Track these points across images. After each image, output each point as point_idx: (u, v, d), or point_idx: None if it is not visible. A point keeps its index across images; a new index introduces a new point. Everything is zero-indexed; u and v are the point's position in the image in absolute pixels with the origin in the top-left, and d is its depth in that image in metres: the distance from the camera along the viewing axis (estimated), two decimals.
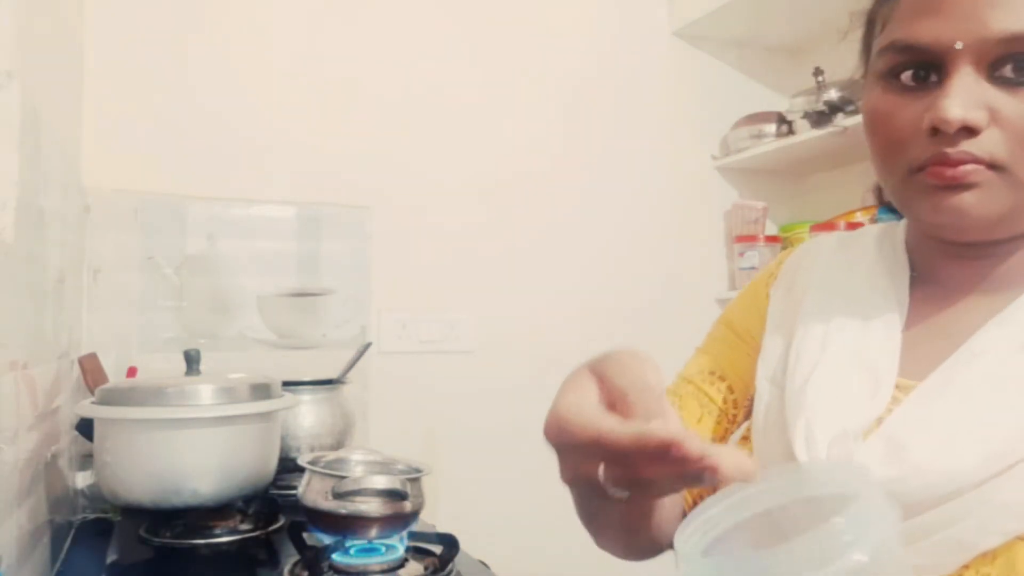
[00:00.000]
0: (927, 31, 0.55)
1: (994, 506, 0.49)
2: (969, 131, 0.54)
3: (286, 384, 1.19)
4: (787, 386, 0.62)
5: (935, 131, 0.54)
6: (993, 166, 0.54)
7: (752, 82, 2.09)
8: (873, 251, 0.67)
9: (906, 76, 0.57)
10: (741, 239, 1.99)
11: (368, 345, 1.45)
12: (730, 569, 0.40)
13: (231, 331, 1.60)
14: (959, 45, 0.53)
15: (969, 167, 0.54)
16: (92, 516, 1.27)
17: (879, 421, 0.56)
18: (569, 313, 1.87)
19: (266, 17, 1.67)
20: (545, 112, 1.90)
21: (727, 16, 1.92)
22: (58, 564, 1.06)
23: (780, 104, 1.97)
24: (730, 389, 0.73)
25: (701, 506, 0.45)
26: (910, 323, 0.62)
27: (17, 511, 0.82)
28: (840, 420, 0.57)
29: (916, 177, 0.57)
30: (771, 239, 1.98)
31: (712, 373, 0.74)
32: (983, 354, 0.55)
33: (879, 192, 0.87)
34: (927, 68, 0.56)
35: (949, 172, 0.54)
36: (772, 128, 1.92)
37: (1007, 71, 0.53)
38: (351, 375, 1.43)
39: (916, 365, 0.58)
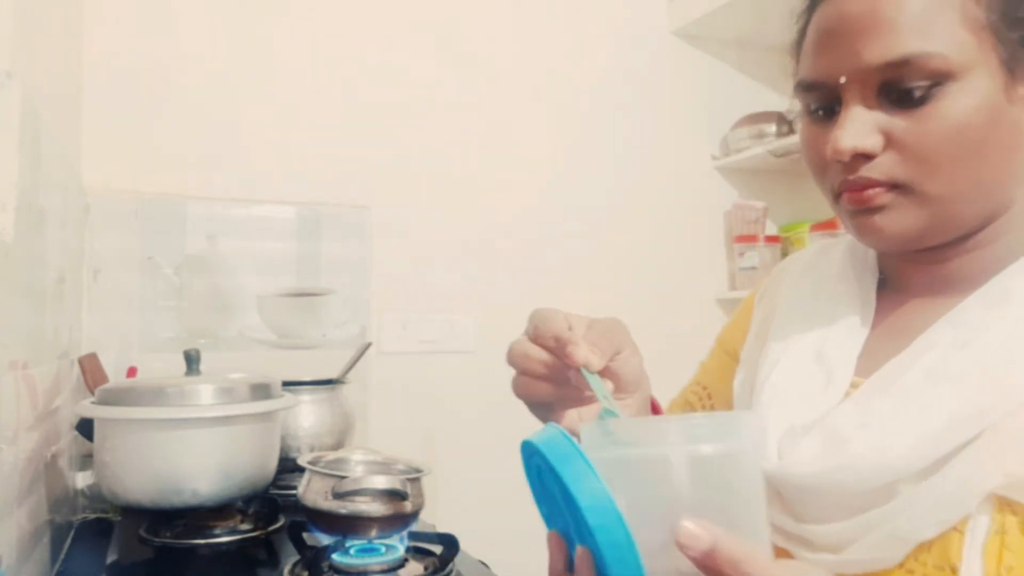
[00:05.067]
0: (819, 69, 0.60)
1: (930, 499, 0.51)
2: (866, 157, 0.57)
3: (286, 384, 1.19)
4: (754, 386, 0.66)
5: (838, 160, 0.58)
6: (895, 186, 0.57)
7: (752, 82, 2.08)
8: (843, 258, 0.70)
9: (817, 110, 0.62)
10: (741, 239, 1.99)
11: (368, 345, 1.45)
12: (610, 427, 0.48)
13: (231, 331, 1.60)
14: (843, 79, 0.58)
15: (872, 191, 0.58)
16: (92, 516, 1.27)
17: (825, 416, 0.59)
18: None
19: (266, 18, 1.67)
20: (545, 112, 1.90)
21: (727, 16, 1.92)
22: (58, 564, 1.06)
23: (780, 104, 1.97)
24: (709, 395, 0.80)
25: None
26: (875, 325, 0.65)
27: (17, 511, 0.82)
28: (790, 416, 0.60)
29: (838, 201, 0.61)
30: (771, 239, 1.98)
31: (700, 384, 0.81)
32: (927, 351, 0.57)
33: None
34: (831, 102, 0.60)
35: (856, 197, 0.58)
36: (772, 128, 1.92)
37: (893, 95, 0.56)
38: (351, 375, 1.43)
39: (871, 365, 0.60)
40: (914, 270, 0.64)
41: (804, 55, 0.62)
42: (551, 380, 0.60)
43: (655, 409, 0.72)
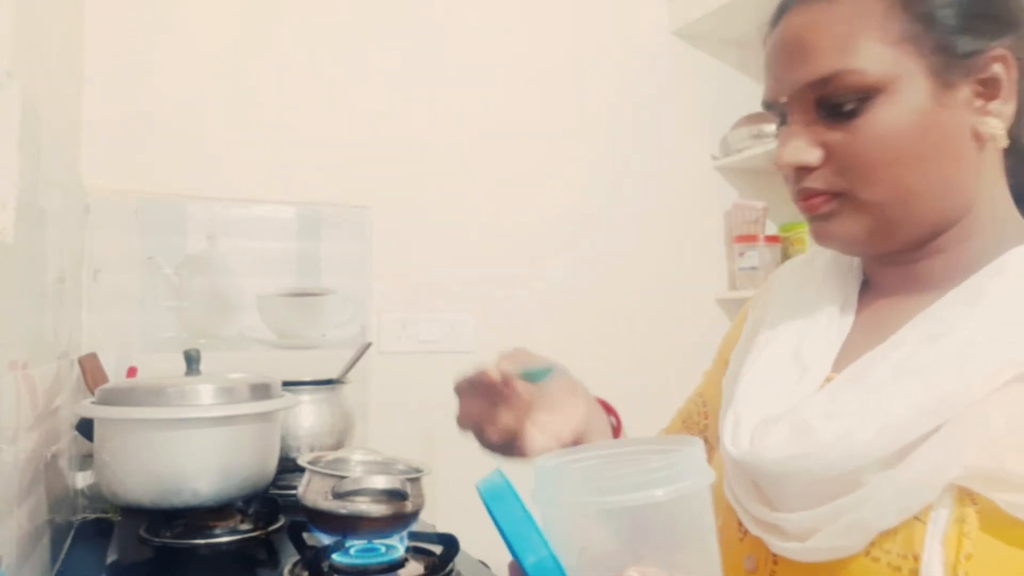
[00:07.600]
0: (768, 90, 0.66)
1: (894, 489, 0.53)
2: (807, 169, 0.62)
3: (286, 384, 1.19)
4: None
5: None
6: (836, 195, 0.62)
7: (752, 82, 2.08)
8: (828, 263, 0.74)
9: (780, 125, 0.66)
10: (741, 239, 1.99)
11: (368, 345, 1.45)
12: (561, 471, 0.50)
13: (231, 331, 1.60)
14: (783, 99, 0.63)
15: (815, 200, 0.63)
16: (92, 516, 1.27)
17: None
18: (569, 312, 1.87)
19: (266, 19, 1.67)
20: (545, 112, 1.90)
21: (727, 16, 1.92)
22: (58, 564, 1.06)
23: None
24: (704, 403, 0.84)
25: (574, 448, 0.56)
26: (857, 325, 0.68)
27: (17, 511, 0.82)
28: (764, 408, 0.63)
29: (798, 208, 0.66)
30: (771, 239, 1.98)
31: (700, 396, 0.85)
32: (898, 347, 0.59)
33: None
34: (783, 118, 0.65)
35: (804, 205, 0.64)
36: (772, 128, 1.92)
37: (828, 111, 0.61)
38: (351, 375, 1.43)
39: (848, 361, 0.63)
40: (888, 271, 0.67)
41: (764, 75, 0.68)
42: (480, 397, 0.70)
43: (606, 408, 0.78)
